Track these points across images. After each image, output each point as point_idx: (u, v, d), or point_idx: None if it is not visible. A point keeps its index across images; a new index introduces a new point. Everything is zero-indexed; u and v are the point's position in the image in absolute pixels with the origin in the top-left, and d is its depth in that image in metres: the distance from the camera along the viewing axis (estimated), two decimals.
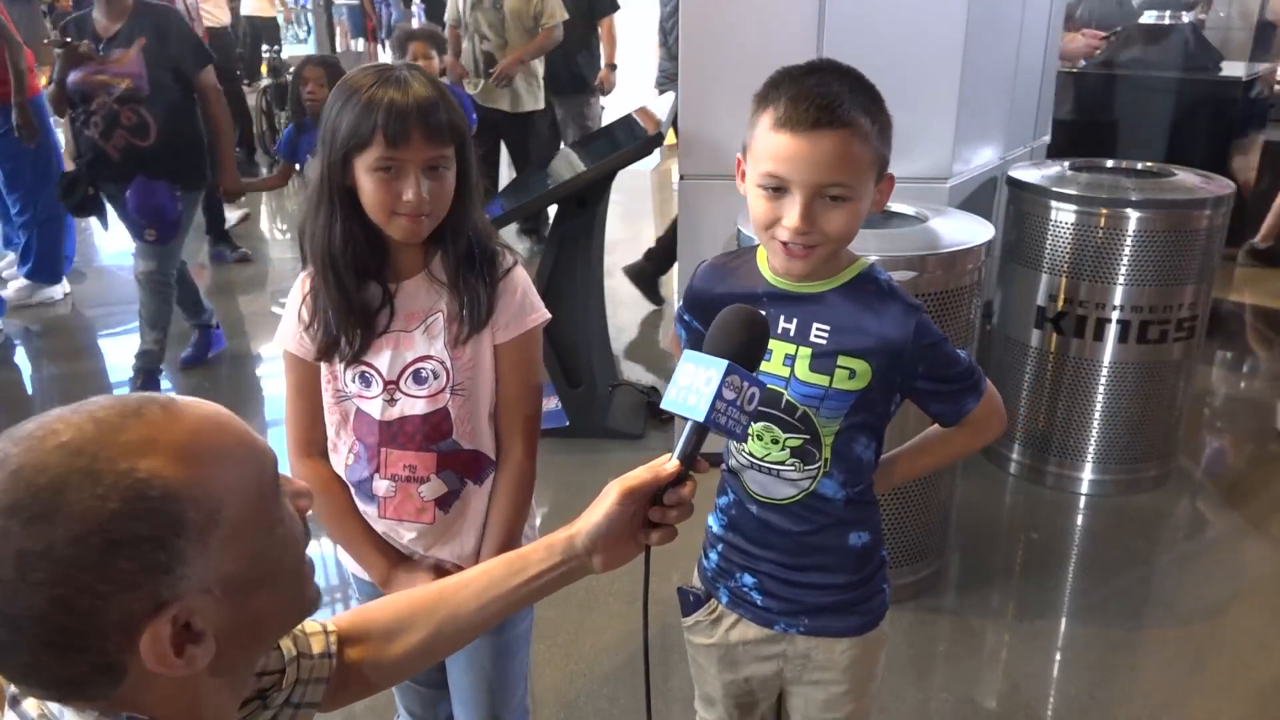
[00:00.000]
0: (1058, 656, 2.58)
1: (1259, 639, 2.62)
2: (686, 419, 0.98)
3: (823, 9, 2.86)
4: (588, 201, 3.47)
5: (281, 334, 1.44)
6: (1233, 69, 5.24)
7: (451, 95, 1.34)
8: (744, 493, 1.40)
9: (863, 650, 1.42)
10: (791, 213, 1.20)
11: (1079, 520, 3.19)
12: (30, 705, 0.73)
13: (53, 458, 0.66)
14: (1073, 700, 2.40)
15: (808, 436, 1.31)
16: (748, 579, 1.42)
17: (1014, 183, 3.26)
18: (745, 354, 0.99)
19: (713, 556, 1.48)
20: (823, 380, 1.28)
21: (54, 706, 0.72)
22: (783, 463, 1.34)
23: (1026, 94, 3.74)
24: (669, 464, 0.98)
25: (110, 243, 5.87)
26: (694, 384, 0.97)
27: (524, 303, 1.42)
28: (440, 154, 1.29)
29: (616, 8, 5.87)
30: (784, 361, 1.30)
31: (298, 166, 3.95)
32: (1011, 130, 3.63)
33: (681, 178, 3.10)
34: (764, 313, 1.27)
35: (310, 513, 0.84)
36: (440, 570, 1.47)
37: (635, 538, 1.01)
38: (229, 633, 0.73)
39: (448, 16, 5.31)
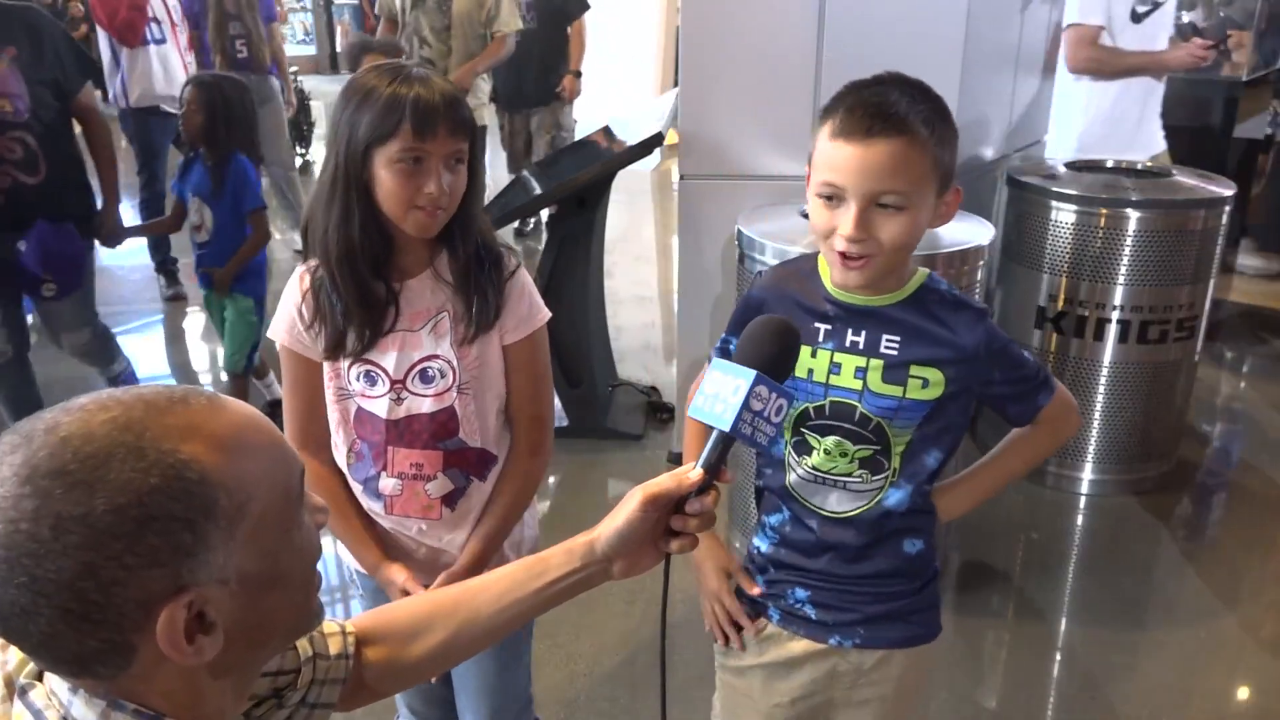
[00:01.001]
0: (1058, 656, 2.58)
1: (1259, 639, 2.62)
2: (713, 428, 0.97)
3: (823, 9, 2.86)
4: (587, 201, 3.47)
5: (275, 328, 1.44)
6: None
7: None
8: (803, 508, 1.37)
9: (914, 662, 1.41)
10: (846, 221, 1.20)
11: (1079, 520, 3.19)
12: (38, 695, 0.74)
13: (101, 430, 0.69)
14: (1073, 700, 2.40)
15: (878, 447, 1.31)
16: (800, 593, 1.41)
17: (1014, 183, 3.26)
18: (775, 364, 0.99)
19: (760, 580, 1.46)
20: (896, 391, 1.28)
21: (63, 697, 0.73)
22: (850, 474, 1.33)
23: (1026, 94, 3.74)
24: (693, 472, 0.98)
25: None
26: (721, 393, 0.97)
27: (531, 304, 1.44)
28: (460, 147, 1.31)
29: (587, 7, 5.66)
30: (855, 374, 1.29)
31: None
32: (1011, 130, 3.63)
33: (681, 178, 3.10)
34: (824, 327, 1.31)
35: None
36: (433, 565, 1.49)
37: (656, 545, 1.00)
38: (237, 630, 0.74)
39: (380, 8, 4.69)
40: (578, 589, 1.03)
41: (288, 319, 1.42)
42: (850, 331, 1.30)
